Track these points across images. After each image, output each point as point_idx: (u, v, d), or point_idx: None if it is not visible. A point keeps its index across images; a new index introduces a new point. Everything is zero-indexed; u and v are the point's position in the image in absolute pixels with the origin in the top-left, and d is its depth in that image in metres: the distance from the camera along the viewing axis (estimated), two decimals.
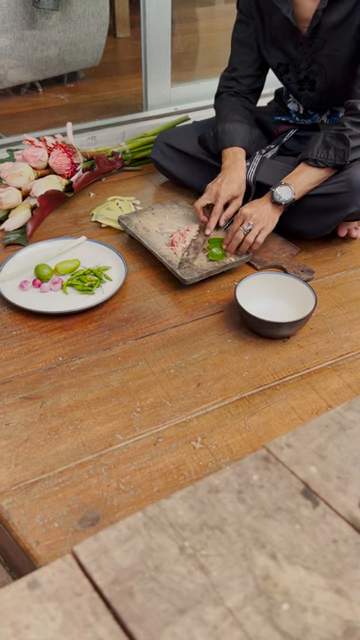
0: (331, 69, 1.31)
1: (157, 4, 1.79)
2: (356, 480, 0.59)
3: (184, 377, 1.06)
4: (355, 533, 0.55)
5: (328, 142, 1.23)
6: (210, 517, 0.56)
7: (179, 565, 0.52)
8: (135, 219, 1.41)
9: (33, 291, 1.24)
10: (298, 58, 1.34)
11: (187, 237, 1.35)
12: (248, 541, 0.54)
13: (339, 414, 0.67)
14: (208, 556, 0.53)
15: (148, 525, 0.55)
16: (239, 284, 1.19)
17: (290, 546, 0.54)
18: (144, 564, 0.52)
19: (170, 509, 0.56)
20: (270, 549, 0.53)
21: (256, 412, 1.00)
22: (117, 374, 1.07)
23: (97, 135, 1.79)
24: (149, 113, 1.93)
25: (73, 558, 0.52)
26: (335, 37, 1.25)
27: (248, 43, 1.42)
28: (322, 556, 0.53)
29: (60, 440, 0.94)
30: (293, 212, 1.32)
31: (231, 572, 0.52)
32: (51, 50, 2.05)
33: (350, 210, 1.24)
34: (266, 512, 0.56)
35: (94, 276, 1.27)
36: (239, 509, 0.56)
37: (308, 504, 0.57)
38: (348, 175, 1.23)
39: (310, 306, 1.14)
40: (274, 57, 1.40)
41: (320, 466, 0.61)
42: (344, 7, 1.20)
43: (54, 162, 1.47)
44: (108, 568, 0.52)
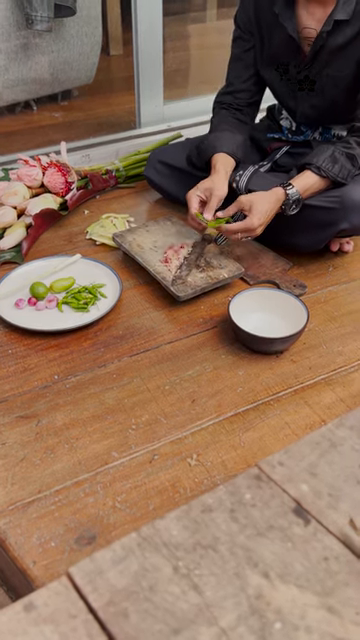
0: (331, 89, 1.33)
1: (149, 23, 1.83)
2: (347, 497, 0.60)
3: (179, 393, 1.07)
4: (346, 550, 0.56)
5: (337, 157, 1.25)
6: (203, 536, 0.56)
7: (173, 585, 0.52)
8: (129, 236, 1.42)
9: (28, 309, 1.25)
10: (299, 77, 1.36)
11: (181, 254, 1.36)
12: (241, 560, 0.55)
13: (330, 431, 0.68)
14: (202, 576, 0.53)
15: (142, 545, 0.56)
16: (232, 300, 1.20)
17: (282, 564, 0.54)
18: (138, 585, 0.52)
19: (164, 529, 0.57)
20: (263, 568, 0.54)
21: (250, 428, 1.01)
22: (112, 391, 1.08)
23: (91, 153, 1.81)
24: (142, 130, 1.95)
25: (68, 580, 0.53)
26: (338, 59, 1.27)
27: (244, 58, 1.44)
28: (314, 574, 0.54)
29: (56, 459, 0.95)
30: (286, 225, 1.34)
31: (224, 591, 0.52)
32: (45, 69, 2.08)
33: (342, 226, 1.26)
34: (258, 531, 0.57)
35: (89, 294, 1.28)
36: (232, 528, 0.57)
37: (300, 522, 0.58)
38: (342, 192, 1.25)
39: (303, 321, 1.15)
40: (272, 75, 1.41)
41: (311, 484, 0.62)
42: (350, 30, 1.22)
43: (49, 181, 1.49)
44: (103, 589, 0.52)
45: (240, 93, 1.47)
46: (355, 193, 1.24)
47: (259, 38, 1.38)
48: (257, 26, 1.37)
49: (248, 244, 1.46)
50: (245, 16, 1.38)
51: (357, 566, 0.55)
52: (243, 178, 1.40)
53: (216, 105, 1.52)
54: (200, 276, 1.31)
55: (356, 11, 1.20)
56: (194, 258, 1.36)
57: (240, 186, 1.39)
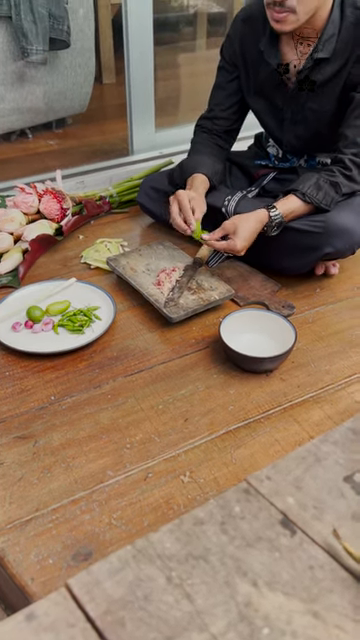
0: (315, 122, 1.40)
1: (140, 52, 1.89)
2: (331, 509, 0.64)
3: (172, 413, 1.11)
4: (330, 559, 0.59)
5: (321, 185, 1.30)
6: (195, 548, 0.59)
7: (167, 594, 0.55)
8: (123, 260, 1.47)
9: (25, 332, 1.29)
10: (284, 109, 1.42)
11: (173, 277, 1.41)
12: (231, 569, 0.58)
13: (315, 446, 0.72)
14: (193, 585, 0.56)
15: (137, 557, 0.59)
16: (223, 321, 1.24)
17: (270, 573, 0.57)
18: (134, 594, 0.55)
19: (158, 542, 0.60)
20: (251, 576, 0.57)
21: (242, 445, 1.04)
22: (107, 411, 1.11)
23: (85, 179, 1.87)
24: (135, 157, 2.01)
25: (67, 591, 0.56)
26: (320, 95, 1.34)
27: (226, 88, 1.51)
28: (300, 582, 0.57)
29: (53, 478, 0.98)
30: (274, 249, 1.39)
31: (215, 599, 0.55)
32: (40, 99, 2.14)
33: (326, 250, 1.32)
34: (247, 542, 0.60)
35: (84, 316, 1.32)
36: (222, 540, 0.60)
37: (286, 533, 0.61)
38: (326, 217, 1.31)
39: (291, 341, 1.19)
40: (259, 105, 1.48)
41: (297, 497, 0.65)
42: (330, 68, 1.29)
43: (44, 208, 1.54)
44: (100, 599, 0.55)
45: (220, 120, 1.53)
46: (339, 219, 1.30)
47: (245, 71, 1.45)
48: (242, 59, 1.43)
49: (238, 267, 1.51)
50: (231, 49, 1.45)
51: (340, 574, 0.58)
52: (232, 203, 1.45)
53: (197, 128, 1.59)
54: (192, 298, 1.36)
55: (336, 50, 1.27)
56: (186, 281, 1.40)
57: (229, 210, 1.44)
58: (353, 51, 1.25)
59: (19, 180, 1.82)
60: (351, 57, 1.26)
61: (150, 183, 1.64)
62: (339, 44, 1.26)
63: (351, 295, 1.44)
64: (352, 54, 1.26)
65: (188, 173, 1.44)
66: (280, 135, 1.50)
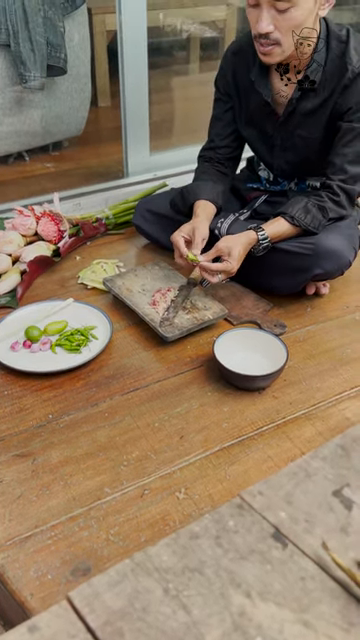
0: (304, 148, 1.45)
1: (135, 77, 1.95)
2: (321, 522, 0.66)
3: (168, 430, 1.13)
4: (320, 571, 0.61)
5: (309, 208, 1.35)
6: (191, 561, 0.62)
7: (164, 606, 0.58)
8: (119, 281, 1.50)
9: (24, 352, 1.32)
10: (274, 136, 1.48)
11: (168, 297, 1.44)
12: (225, 581, 0.60)
13: (305, 462, 0.75)
14: (190, 596, 0.59)
15: (135, 570, 0.61)
16: (217, 340, 1.28)
17: (262, 584, 0.60)
18: (132, 606, 0.58)
19: (155, 555, 0.63)
20: (245, 588, 0.60)
21: (235, 462, 1.07)
22: (104, 429, 1.14)
23: (82, 201, 1.91)
24: (130, 180, 2.06)
25: (68, 603, 0.58)
26: (308, 123, 1.40)
27: (223, 118, 1.56)
28: (291, 592, 0.59)
29: (52, 495, 1.00)
30: (266, 270, 1.43)
31: (210, 610, 0.58)
32: (37, 123, 2.20)
33: (315, 272, 1.36)
34: (241, 554, 0.63)
35: (81, 336, 1.35)
36: (217, 553, 0.63)
37: (278, 546, 0.64)
38: (316, 240, 1.35)
39: (283, 359, 1.23)
40: (250, 132, 1.54)
41: (289, 511, 0.68)
42: (317, 98, 1.35)
43: (42, 230, 1.58)
44: (100, 611, 0.57)
45: (221, 149, 1.58)
46: (328, 241, 1.34)
47: (237, 100, 1.50)
48: (235, 89, 1.49)
49: (231, 287, 1.55)
50: (224, 80, 1.51)
51: (330, 584, 0.60)
52: (224, 225, 1.50)
53: (199, 159, 1.64)
54: (186, 317, 1.39)
55: (323, 80, 1.33)
56: (180, 301, 1.44)
57: (222, 232, 1.49)
58: (339, 82, 1.31)
59: (17, 202, 1.87)
60: (337, 88, 1.32)
61: (146, 205, 1.68)
62: (325, 75, 1.32)
63: (341, 314, 1.48)
64: (338, 85, 1.32)
65: (191, 200, 1.49)
66: (271, 160, 1.55)
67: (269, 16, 1.19)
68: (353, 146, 1.34)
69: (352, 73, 1.28)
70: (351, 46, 1.29)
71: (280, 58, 1.27)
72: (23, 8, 1.89)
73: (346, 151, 1.34)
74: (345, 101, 1.32)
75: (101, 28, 2.77)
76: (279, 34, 1.22)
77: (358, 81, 1.29)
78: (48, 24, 1.96)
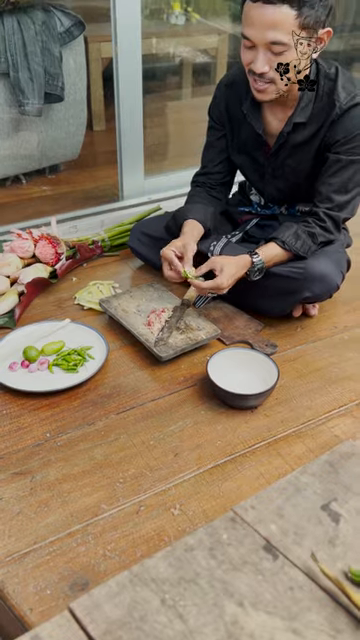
0: (293, 177, 1.51)
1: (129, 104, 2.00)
2: (309, 535, 0.70)
3: (163, 448, 1.17)
4: (309, 581, 0.65)
5: (300, 234, 1.41)
6: (186, 572, 0.65)
7: (161, 615, 0.61)
8: (115, 301, 1.55)
9: (22, 372, 1.35)
10: (265, 165, 1.54)
11: (162, 317, 1.48)
12: (219, 591, 0.63)
13: (295, 478, 0.78)
14: (185, 606, 0.62)
15: (133, 581, 0.64)
16: (210, 359, 1.32)
17: (254, 594, 0.63)
18: (131, 615, 0.61)
19: (152, 567, 0.66)
20: (237, 598, 0.63)
21: (229, 478, 1.10)
22: (101, 447, 1.17)
23: (78, 224, 1.96)
24: (125, 203, 2.12)
25: (70, 613, 0.61)
26: (298, 154, 1.46)
27: (216, 145, 1.62)
28: (281, 602, 0.63)
29: (50, 512, 1.03)
30: (258, 292, 1.48)
31: (205, 619, 0.61)
32: (34, 147, 2.26)
33: (305, 295, 1.42)
34: (234, 566, 0.66)
35: (78, 355, 1.39)
36: (211, 564, 0.66)
37: (269, 557, 0.67)
38: (305, 264, 1.41)
39: (274, 378, 1.27)
40: (242, 160, 1.60)
41: (279, 524, 0.71)
42: (307, 131, 1.42)
43: (40, 252, 1.62)
44: (100, 620, 0.60)
45: (213, 175, 1.64)
46: (317, 266, 1.40)
47: (230, 129, 1.57)
48: (228, 119, 1.56)
49: (224, 307, 1.60)
50: (217, 110, 1.57)
51: (318, 594, 0.64)
52: (217, 248, 1.55)
53: (192, 184, 1.70)
54: (180, 337, 1.43)
55: (312, 115, 1.39)
56: (175, 321, 1.48)
57: (214, 254, 1.54)
58: (327, 117, 1.38)
59: (14, 225, 1.91)
60: (325, 122, 1.39)
61: (141, 228, 1.73)
62: (315, 110, 1.39)
63: (330, 334, 1.52)
64: (326, 120, 1.38)
65: (181, 220, 1.54)
66: (262, 187, 1.61)
67: (265, 57, 1.26)
68: (339, 176, 1.40)
69: (340, 109, 1.35)
70: (339, 84, 1.36)
71: (274, 96, 1.34)
72: (22, 38, 1.96)
73: (332, 181, 1.41)
74: (333, 135, 1.38)
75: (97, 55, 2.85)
76: (274, 74, 1.28)
77: (345, 117, 1.35)
78: (46, 54, 2.03)
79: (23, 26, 1.96)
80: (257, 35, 1.24)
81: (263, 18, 1.21)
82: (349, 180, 1.41)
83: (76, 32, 2.12)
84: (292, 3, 1.18)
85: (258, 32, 1.23)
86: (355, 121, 1.36)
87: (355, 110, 1.36)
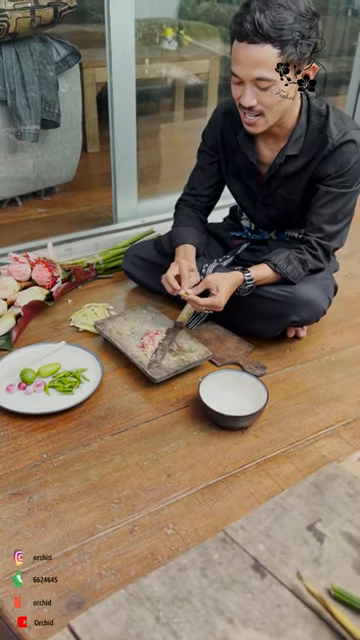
0: (284, 205, 1.58)
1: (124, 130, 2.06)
2: (295, 554, 0.74)
3: (156, 469, 1.20)
4: (295, 598, 0.69)
5: (291, 259, 1.47)
6: (180, 591, 0.69)
7: (155, 632, 0.65)
8: (109, 324, 1.59)
9: (19, 393, 1.38)
10: (257, 192, 1.60)
11: (156, 340, 1.53)
12: (210, 609, 0.67)
13: (282, 499, 0.83)
14: (179, 623, 0.66)
15: (130, 600, 0.68)
16: (202, 381, 1.36)
17: (244, 611, 0.67)
18: (127, 633, 0.65)
19: (147, 586, 0.70)
20: (228, 615, 0.67)
21: (220, 498, 1.14)
22: (96, 468, 1.20)
23: (73, 246, 2.01)
24: (119, 226, 2.17)
25: (70, 631, 0.65)
26: (289, 184, 1.53)
27: (207, 169, 1.69)
28: (269, 618, 0.67)
29: (47, 532, 1.06)
30: (248, 315, 1.54)
31: (197, 636, 0.65)
32: (30, 170, 2.31)
33: (292, 319, 1.47)
34: (224, 584, 0.70)
35: (73, 377, 1.43)
36: (203, 583, 0.70)
37: (257, 576, 0.71)
38: (294, 289, 1.47)
39: (264, 400, 1.31)
40: (235, 186, 1.67)
41: (267, 544, 0.75)
42: (298, 162, 1.49)
43: (36, 276, 1.67)
44: (98, 638, 0.64)
45: (203, 197, 1.71)
46: (304, 291, 1.46)
47: (224, 156, 1.63)
48: (222, 146, 1.62)
49: (215, 329, 1.64)
50: (212, 136, 1.63)
51: (303, 611, 0.68)
52: (209, 270, 1.61)
53: (181, 202, 1.76)
54: (173, 360, 1.48)
55: (303, 148, 1.46)
56: (167, 343, 1.52)
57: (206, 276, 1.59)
58: (319, 152, 1.45)
59: (10, 247, 1.96)
60: (317, 156, 1.46)
61: (134, 252, 1.78)
62: (306, 143, 1.46)
63: (318, 356, 1.57)
64: (318, 154, 1.45)
65: (179, 242, 1.60)
66: (253, 213, 1.67)
67: (252, 92, 1.32)
68: (330, 207, 1.47)
69: (332, 145, 1.42)
70: (331, 120, 1.43)
71: (264, 128, 1.40)
72: (20, 68, 2.03)
73: (323, 212, 1.47)
74: (325, 168, 1.45)
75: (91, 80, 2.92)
76: (262, 107, 1.35)
77: (337, 152, 1.42)
78: (43, 82, 2.09)
79: (21, 56, 2.02)
80: (244, 72, 1.31)
81: (248, 56, 1.28)
82: (339, 211, 1.48)
83: (72, 61, 2.19)
84: (274, 42, 1.25)
85: (244, 69, 1.30)
86: (346, 156, 1.43)
87: (346, 146, 1.42)
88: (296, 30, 1.24)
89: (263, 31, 1.23)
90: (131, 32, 1.94)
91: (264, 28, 1.23)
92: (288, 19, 1.23)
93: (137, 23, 2.00)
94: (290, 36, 1.24)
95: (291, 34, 1.24)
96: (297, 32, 1.24)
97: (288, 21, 1.23)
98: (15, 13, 1.90)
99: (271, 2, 1.23)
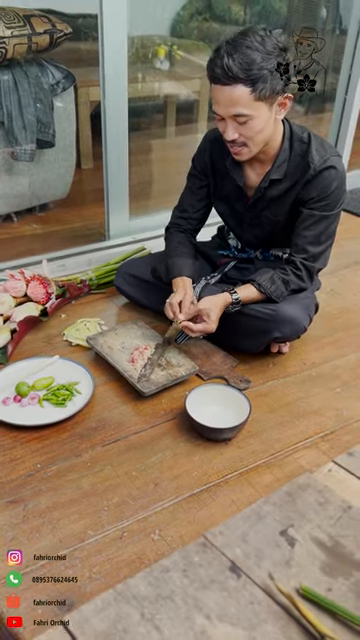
0: (269, 226, 1.67)
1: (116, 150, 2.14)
2: (268, 557, 0.81)
3: (144, 478, 1.28)
4: (266, 597, 0.76)
5: (275, 279, 1.56)
6: (163, 590, 0.76)
7: (140, 627, 0.72)
8: (101, 339, 1.66)
9: (14, 406, 1.45)
10: (244, 214, 1.69)
11: (145, 354, 1.61)
12: (190, 606, 0.74)
13: (258, 507, 0.90)
14: (161, 619, 0.73)
15: (117, 599, 0.75)
16: (188, 395, 1.44)
17: (220, 608, 0.75)
18: (115, 627, 0.72)
19: (134, 586, 0.77)
20: (206, 611, 0.74)
21: (204, 506, 1.21)
22: (87, 478, 1.27)
23: (66, 262, 2.08)
24: (111, 242, 2.25)
25: (63, 627, 0.72)
26: (273, 207, 1.62)
27: (197, 193, 1.77)
28: (243, 614, 0.74)
29: (41, 538, 1.13)
30: (233, 332, 1.62)
31: (177, 630, 0.72)
32: (26, 188, 2.39)
33: (275, 335, 1.56)
34: (203, 584, 0.77)
35: (66, 391, 1.50)
36: (184, 583, 0.77)
37: (234, 577, 0.79)
38: (276, 308, 1.55)
39: (246, 413, 1.39)
40: (223, 208, 1.75)
41: (243, 548, 0.83)
42: (282, 186, 1.58)
43: (31, 292, 1.74)
44: (89, 633, 0.71)
45: (193, 220, 1.79)
46: (286, 310, 1.55)
47: (213, 180, 1.72)
48: (211, 171, 1.71)
49: (202, 344, 1.72)
50: (202, 161, 1.72)
51: (274, 608, 0.75)
52: (197, 289, 1.69)
53: (173, 226, 1.83)
54: (161, 374, 1.55)
55: (287, 172, 1.55)
56: (156, 358, 1.60)
57: (195, 294, 1.67)
58: (302, 177, 1.54)
59: (6, 263, 2.03)
60: (300, 181, 1.55)
61: (126, 269, 1.86)
62: (289, 168, 1.55)
63: (299, 370, 1.66)
64: (301, 179, 1.54)
65: (176, 273, 1.68)
66: (240, 233, 1.76)
67: (232, 127, 1.42)
68: (313, 229, 1.56)
69: (314, 171, 1.51)
70: (313, 147, 1.52)
71: (249, 156, 1.50)
72: (17, 91, 2.11)
73: (306, 234, 1.56)
74: (307, 193, 1.54)
75: (85, 99, 3.01)
76: (244, 138, 1.44)
77: (318, 177, 1.51)
78: (39, 104, 2.18)
79: (18, 79, 2.11)
80: (222, 110, 1.41)
81: (224, 97, 1.38)
82: (321, 233, 1.56)
83: (66, 84, 2.28)
84: (245, 82, 1.34)
85: (222, 108, 1.40)
86: (327, 182, 1.52)
87: (327, 172, 1.51)
88: (265, 68, 1.33)
89: (233, 73, 1.33)
90: (124, 50, 1.99)
91: (233, 71, 1.32)
92: (256, 59, 1.33)
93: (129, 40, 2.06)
94: (260, 74, 1.33)
95: (260, 72, 1.33)
96: (266, 70, 1.34)
97: (256, 61, 1.33)
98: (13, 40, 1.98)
99: (239, 46, 1.33)
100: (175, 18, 4.01)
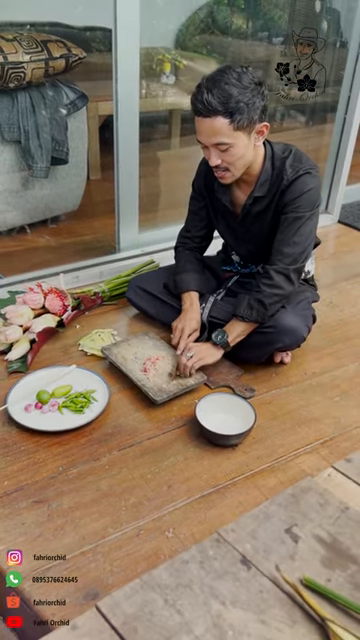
0: (258, 240, 1.78)
1: (127, 165, 2.24)
2: (275, 552, 0.92)
3: (158, 481, 1.38)
4: (274, 586, 0.87)
5: (252, 304, 1.65)
6: (183, 579, 0.87)
7: (164, 610, 0.82)
8: (115, 349, 1.77)
9: (35, 413, 1.56)
10: (237, 230, 1.81)
11: (157, 364, 1.72)
12: (207, 594, 0.85)
13: (265, 507, 1.01)
14: (182, 604, 0.84)
15: (143, 587, 0.86)
16: (197, 403, 1.55)
17: (233, 596, 0.85)
18: (142, 611, 0.82)
19: (157, 576, 0.87)
20: (221, 598, 0.84)
21: (213, 507, 1.32)
22: (106, 480, 1.38)
23: (79, 275, 2.19)
24: (122, 255, 2.36)
25: (97, 610, 0.82)
26: (259, 222, 1.74)
27: (198, 213, 1.89)
28: (253, 601, 0.85)
29: (65, 535, 1.24)
30: (238, 344, 1.73)
31: (197, 614, 0.82)
32: (39, 201, 2.50)
33: (276, 346, 1.67)
34: (218, 575, 0.88)
35: (84, 398, 1.61)
36: (201, 573, 0.88)
37: (244, 568, 0.89)
38: (276, 319, 1.66)
39: (252, 420, 1.50)
40: (221, 225, 1.87)
41: (252, 543, 0.93)
42: (264, 202, 1.69)
43: (49, 304, 1.85)
44: (120, 614, 0.82)
45: (197, 238, 1.92)
46: (286, 320, 1.66)
47: (209, 200, 1.84)
48: (207, 191, 1.83)
49: None
50: (199, 183, 1.85)
51: (280, 595, 0.86)
52: (206, 311, 1.80)
53: (180, 245, 1.95)
54: (173, 383, 1.66)
55: (269, 190, 1.67)
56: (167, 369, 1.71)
57: (204, 314, 1.78)
58: (278, 189, 1.65)
59: (22, 275, 2.14)
60: (277, 193, 1.66)
61: (138, 283, 1.98)
62: (271, 186, 1.67)
63: (300, 380, 1.77)
64: (277, 191, 1.66)
65: (184, 288, 1.82)
66: (237, 249, 1.89)
67: (215, 154, 1.55)
68: (287, 231, 1.66)
69: (287, 181, 1.63)
70: (287, 163, 1.64)
71: (232, 179, 1.63)
72: (34, 111, 2.22)
73: (281, 236, 1.67)
74: (283, 200, 1.66)
75: (94, 113, 3.12)
76: (226, 164, 1.57)
77: (291, 185, 1.63)
78: (54, 123, 2.29)
79: (35, 101, 2.22)
80: (205, 140, 1.54)
81: (205, 128, 1.51)
82: (294, 234, 1.65)
83: (80, 104, 2.39)
84: (224, 114, 1.47)
85: (204, 138, 1.54)
86: (299, 187, 1.63)
87: (299, 179, 1.63)
88: (241, 101, 1.46)
89: (212, 107, 1.46)
90: (136, 64, 2.07)
91: (213, 105, 1.46)
92: (233, 93, 1.46)
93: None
94: (237, 107, 1.46)
95: (237, 105, 1.46)
96: (242, 102, 1.47)
97: (233, 95, 1.46)
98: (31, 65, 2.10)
99: (217, 82, 1.47)
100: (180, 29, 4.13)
